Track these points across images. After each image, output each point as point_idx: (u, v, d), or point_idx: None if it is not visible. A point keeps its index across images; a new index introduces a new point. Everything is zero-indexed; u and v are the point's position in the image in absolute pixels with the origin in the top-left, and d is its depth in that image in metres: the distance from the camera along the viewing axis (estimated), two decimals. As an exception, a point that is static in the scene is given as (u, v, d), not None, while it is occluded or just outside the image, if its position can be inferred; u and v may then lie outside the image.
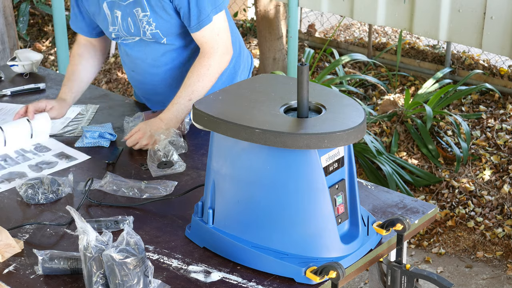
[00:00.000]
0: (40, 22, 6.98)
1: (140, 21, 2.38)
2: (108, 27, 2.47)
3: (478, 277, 3.55)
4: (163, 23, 2.37)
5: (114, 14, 2.42)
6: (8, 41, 4.47)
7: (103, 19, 2.46)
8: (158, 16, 2.35)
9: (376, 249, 1.84)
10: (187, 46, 2.47)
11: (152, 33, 2.39)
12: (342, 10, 5.23)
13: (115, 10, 2.41)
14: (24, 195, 2.07)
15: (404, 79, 5.31)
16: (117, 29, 2.45)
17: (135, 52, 2.50)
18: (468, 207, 3.99)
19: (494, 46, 4.55)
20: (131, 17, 2.38)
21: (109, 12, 2.42)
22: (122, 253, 1.57)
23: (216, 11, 2.34)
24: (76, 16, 2.58)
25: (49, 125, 2.49)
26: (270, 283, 1.71)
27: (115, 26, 2.44)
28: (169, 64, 2.49)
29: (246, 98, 1.84)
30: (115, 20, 2.42)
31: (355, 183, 1.79)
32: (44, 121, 2.48)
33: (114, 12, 2.42)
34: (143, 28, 2.39)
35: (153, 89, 2.57)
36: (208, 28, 2.34)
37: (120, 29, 2.43)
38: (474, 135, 4.50)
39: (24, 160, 2.35)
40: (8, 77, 3.07)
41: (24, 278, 1.75)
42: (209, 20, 2.33)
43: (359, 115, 1.71)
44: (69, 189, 2.10)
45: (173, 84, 2.51)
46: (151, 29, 2.38)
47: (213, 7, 2.33)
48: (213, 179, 1.80)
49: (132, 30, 2.42)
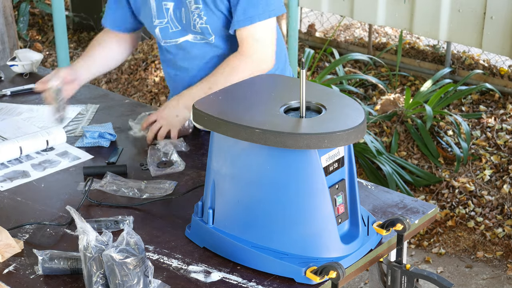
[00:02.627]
0: (40, 22, 6.98)
1: (191, 13, 2.33)
2: (152, 20, 2.42)
3: (478, 277, 3.55)
4: (214, 18, 2.33)
5: (164, 6, 2.37)
6: (8, 41, 4.47)
7: (148, 12, 2.42)
8: (209, 10, 2.31)
9: (376, 249, 1.84)
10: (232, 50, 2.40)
11: (202, 27, 2.35)
12: (342, 10, 5.23)
13: (164, 2, 2.37)
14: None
15: (404, 79, 5.30)
16: (166, 21, 2.40)
17: (180, 53, 2.45)
18: (468, 207, 3.99)
19: (494, 46, 4.55)
20: (184, 8, 2.34)
21: (155, 4, 2.39)
22: (122, 253, 1.57)
23: (261, 17, 2.28)
24: (111, 10, 2.55)
25: (64, 139, 2.47)
26: (270, 283, 1.71)
27: (163, 18, 2.39)
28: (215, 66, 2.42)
29: (246, 98, 1.84)
30: (165, 12, 2.38)
31: (355, 183, 1.79)
32: (60, 136, 2.46)
33: (163, 4, 2.37)
34: (193, 21, 2.34)
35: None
36: (247, 30, 2.29)
37: (172, 20, 2.38)
38: (474, 135, 4.50)
39: (27, 159, 2.36)
40: (8, 77, 3.07)
41: (24, 278, 1.75)
42: (250, 21, 2.27)
43: (359, 115, 1.71)
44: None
45: None
46: (201, 22, 2.33)
47: (261, 12, 2.27)
48: (213, 179, 1.80)
49: (184, 21, 2.37)
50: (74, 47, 6.39)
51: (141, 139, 2.48)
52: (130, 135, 2.51)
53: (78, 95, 2.86)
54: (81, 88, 2.66)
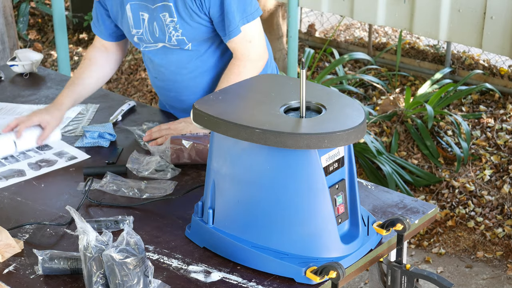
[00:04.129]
0: (40, 22, 6.98)
1: (166, 26, 2.35)
2: (130, 30, 2.44)
3: (478, 277, 3.55)
4: (190, 30, 2.35)
5: (141, 16, 2.39)
6: (8, 41, 4.47)
7: (125, 22, 2.43)
8: (185, 23, 2.33)
9: (376, 249, 1.84)
10: (212, 53, 2.44)
11: (178, 39, 2.37)
12: (342, 10, 5.23)
13: (141, 13, 2.38)
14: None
15: (404, 79, 5.30)
16: (141, 32, 2.41)
17: (158, 59, 2.48)
18: (468, 207, 3.99)
19: (494, 46, 4.55)
20: (157, 22, 2.36)
21: (132, 14, 2.39)
22: (122, 253, 1.57)
23: (244, 21, 2.33)
24: (96, 17, 2.55)
25: (59, 135, 2.47)
26: (270, 283, 1.71)
27: (140, 29, 2.41)
28: (193, 71, 2.46)
29: (246, 98, 1.85)
30: (141, 22, 2.39)
31: (355, 183, 1.79)
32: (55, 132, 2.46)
33: (140, 15, 2.38)
34: (169, 34, 2.36)
35: (176, 97, 2.54)
36: (238, 38, 2.34)
37: (145, 32, 2.40)
38: (474, 135, 4.50)
39: (25, 158, 2.36)
40: (8, 77, 3.07)
41: (24, 278, 1.75)
42: (238, 31, 2.32)
43: (359, 115, 1.71)
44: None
45: (197, 92, 2.49)
46: (177, 35, 2.36)
47: (242, 17, 2.32)
48: (213, 179, 1.80)
49: (157, 35, 2.39)
50: (74, 47, 6.39)
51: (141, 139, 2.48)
52: (130, 135, 2.51)
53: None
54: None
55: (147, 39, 2.43)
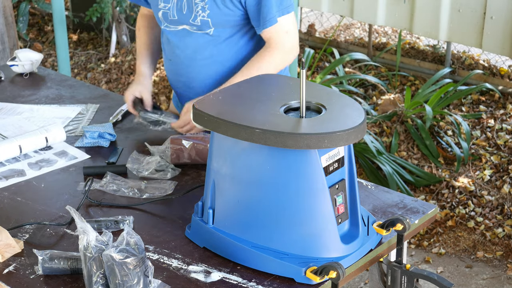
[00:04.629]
0: (40, 22, 6.98)
1: (195, 5, 2.36)
2: (158, 2, 2.45)
3: (478, 277, 3.55)
4: (218, 13, 2.36)
5: None
6: (8, 41, 4.47)
7: None
8: (215, 4, 2.34)
9: (376, 249, 1.84)
10: (230, 44, 2.44)
11: (203, 19, 2.37)
12: (342, 10, 5.23)
13: None
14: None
15: (404, 79, 5.30)
16: (169, 7, 2.42)
17: (176, 39, 2.48)
18: (468, 207, 3.99)
19: (494, 46, 4.55)
20: None
21: None
22: (122, 253, 1.57)
23: (281, 13, 2.36)
24: None
25: (63, 137, 2.49)
26: (270, 283, 1.71)
27: (168, 3, 2.42)
28: (207, 59, 2.46)
29: (246, 98, 1.84)
30: None
31: (355, 183, 1.79)
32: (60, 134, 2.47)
33: None
34: (196, 12, 2.37)
35: (186, 83, 2.54)
36: (275, 27, 2.36)
37: (173, 7, 2.41)
38: (474, 135, 4.50)
39: (25, 158, 2.36)
40: (8, 77, 3.07)
41: (24, 278, 1.75)
42: (275, 21, 2.35)
43: (359, 115, 1.71)
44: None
45: (207, 82, 2.49)
46: (203, 15, 2.36)
47: (279, 9, 2.35)
48: (213, 179, 1.80)
49: (184, 12, 2.39)
50: (74, 47, 6.39)
51: (141, 139, 2.48)
52: (131, 135, 2.51)
53: (78, 95, 2.87)
54: (81, 88, 2.67)
55: (172, 15, 2.43)
